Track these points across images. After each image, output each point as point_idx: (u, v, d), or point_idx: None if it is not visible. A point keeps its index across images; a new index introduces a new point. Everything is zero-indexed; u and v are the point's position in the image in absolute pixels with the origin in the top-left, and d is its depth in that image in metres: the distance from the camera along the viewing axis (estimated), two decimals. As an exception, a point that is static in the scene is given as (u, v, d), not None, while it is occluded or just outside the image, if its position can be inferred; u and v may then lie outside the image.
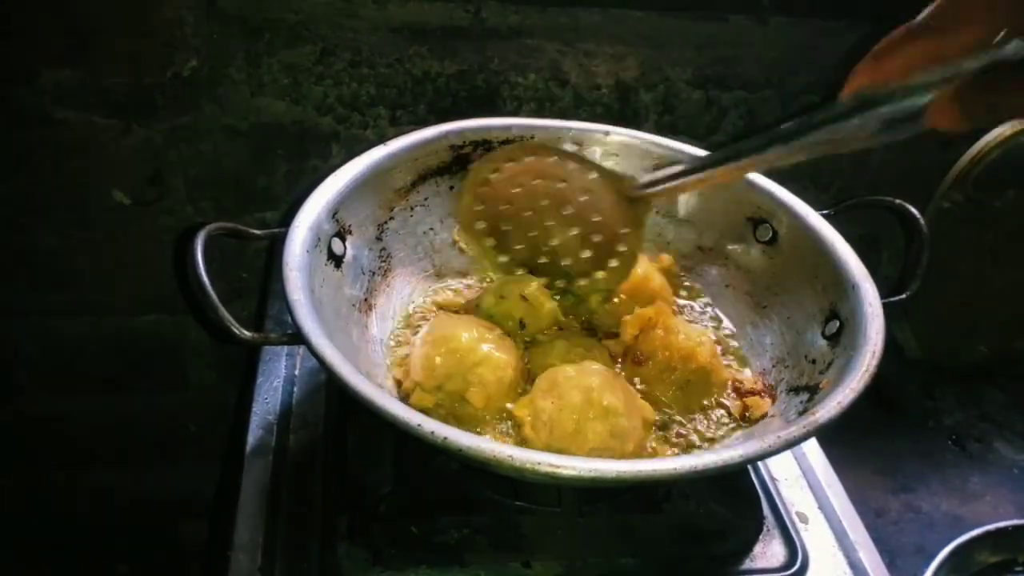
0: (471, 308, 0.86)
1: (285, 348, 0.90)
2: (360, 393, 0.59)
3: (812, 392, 0.72)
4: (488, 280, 0.91)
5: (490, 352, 0.74)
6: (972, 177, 1.19)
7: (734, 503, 0.77)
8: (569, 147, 0.95)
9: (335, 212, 0.79)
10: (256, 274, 1.24)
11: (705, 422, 0.77)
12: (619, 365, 0.81)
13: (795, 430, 0.61)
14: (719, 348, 0.85)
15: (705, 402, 0.79)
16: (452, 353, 0.73)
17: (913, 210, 0.85)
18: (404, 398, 0.74)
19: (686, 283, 0.94)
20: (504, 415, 0.74)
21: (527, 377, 0.77)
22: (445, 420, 0.71)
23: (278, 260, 0.71)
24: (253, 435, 0.80)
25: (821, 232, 0.83)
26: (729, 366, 0.84)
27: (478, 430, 0.72)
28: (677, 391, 0.78)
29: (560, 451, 0.68)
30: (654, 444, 0.74)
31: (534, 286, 0.84)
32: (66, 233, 1.15)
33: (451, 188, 0.92)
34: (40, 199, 1.12)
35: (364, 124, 1.12)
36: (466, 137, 0.91)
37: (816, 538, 0.77)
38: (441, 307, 0.88)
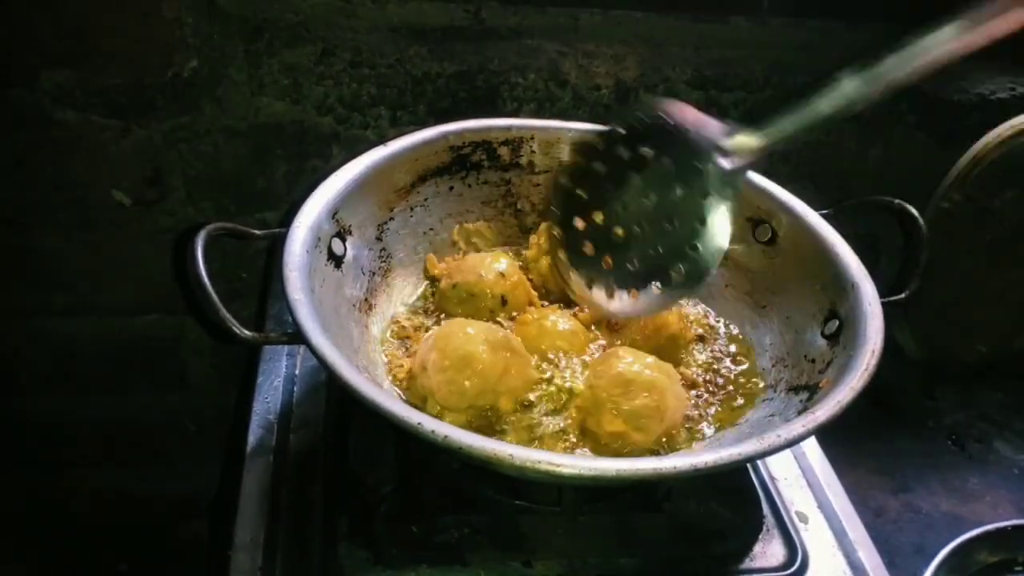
0: (447, 290, 0.85)
1: (285, 348, 0.90)
2: (360, 393, 0.60)
3: (812, 391, 0.72)
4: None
5: (511, 359, 0.74)
6: (972, 177, 1.19)
7: (734, 503, 0.77)
8: (569, 148, 0.95)
9: (335, 212, 0.79)
10: (256, 274, 1.24)
11: None
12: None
13: (795, 429, 0.61)
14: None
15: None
16: (479, 374, 0.72)
17: (912, 210, 0.85)
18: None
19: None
20: (524, 404, 0.75)
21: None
22: (481, 429, 0.72)
23: (278, 260, 0.71)
24: (253, 435, 0.80)
25: (820, 232, 0.83)
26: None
27: (510, 431, 0.73)
28: None
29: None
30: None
31: (507, 262, 0.86)
32: (66, 233, 1.15)
33: (451, 188, 0.92)
34: (40, 199, 1.12)
35: (364, 124, 1.12)
36: (466, 137, 0.92)
37: (816, 538, 0.77)
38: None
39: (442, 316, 0.85)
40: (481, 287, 0.83)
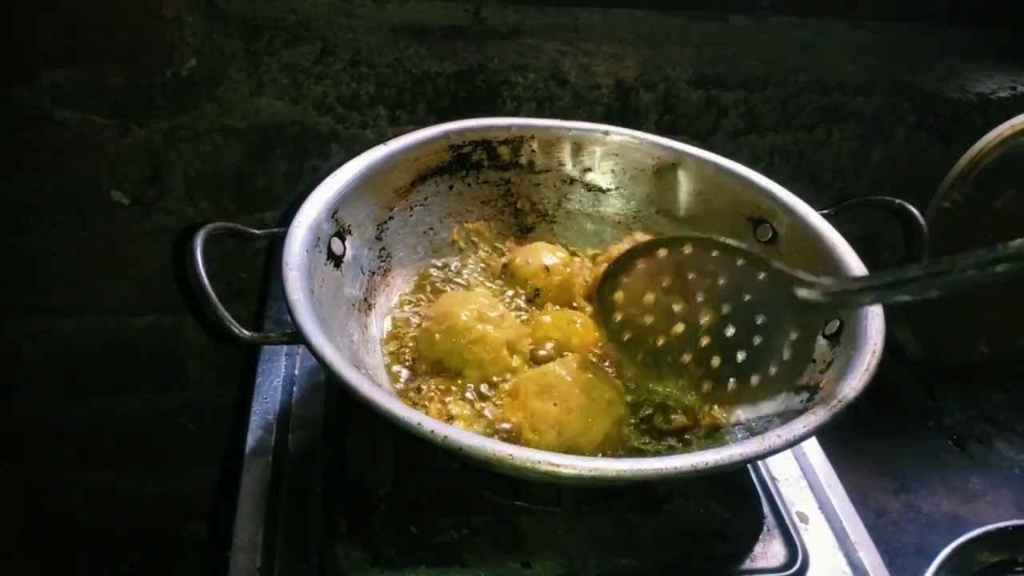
0: (498, 266, 0.90)
1: (285, 348, 0.90)
2: (359, 393, 0.59)
3: (812, 391, 0.72)
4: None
5: (490, 333, 0.77)
6: (973, 176, 1.19)
7: (734, 503, 0.77)
8: (569, 147, 0.95)
9: (335, 212, 0.79)
10: (255, 274, 1.24)
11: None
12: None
13: (795, 429, 0.61)
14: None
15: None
16: (449, 331, 0.76)
17: (913, 210, 0.85)
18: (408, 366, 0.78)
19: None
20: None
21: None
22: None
23: (278, 260, 0.71)
24: (253, 435, 0.80)
25: (821, 232, 0.83)
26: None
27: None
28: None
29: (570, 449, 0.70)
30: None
31: (561, 258, 0.88)
32: (66, 233, 1.15)
33: (450, 188, 0.92)
34: (40, 199, 1.12)
35: (363, 124, 1.12)
36: (466, 137, 0.91)
37: (816, 538, 0.77)
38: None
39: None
40: (522, 273, 0.87)
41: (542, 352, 0.81)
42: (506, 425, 0.73)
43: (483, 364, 0.76)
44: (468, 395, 0.76)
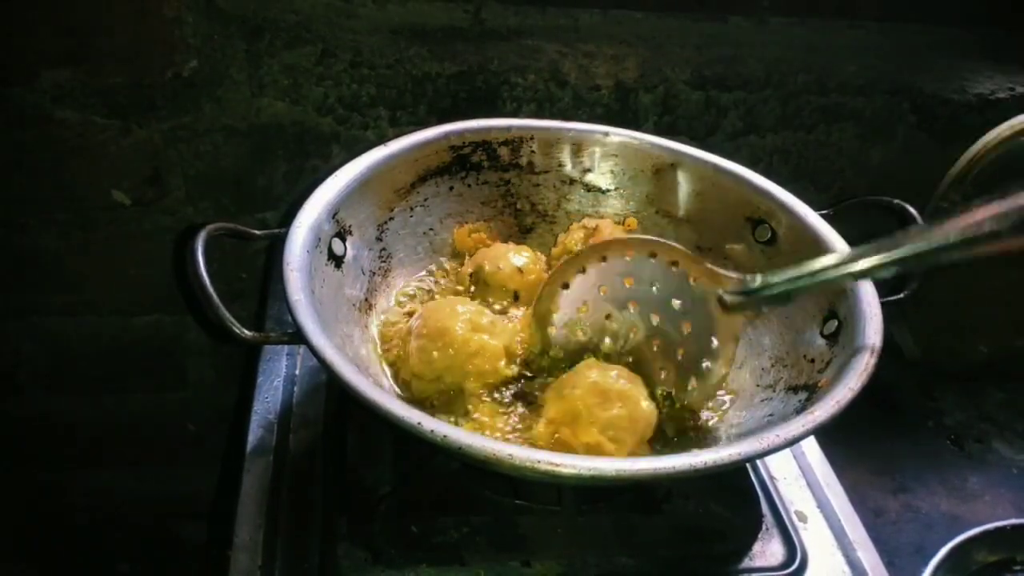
0: (465, 274, 0.88)
1: (285, 348, 0.90)
2: (360, 393, 0.60)
3: (811, 391, 0.72)
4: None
5: (487, 343, 0.76)
6: (971, 177, 1.19)
7: (733, 503, 0.77)
8: (569, 148, 0.95)
9: (335, 212, 0.79)
10: (256, 275, 1.24)
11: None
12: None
13: (794, 429, 0.61)
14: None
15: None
16: (449, 347, 0.74)
17: (912, 210, 0.85)
18: (403, 385, 0.77)
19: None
20: (496, 392, 0.77)
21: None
22: (446, 402, 0.75)
23: (278, 260, 0.71)
24: (253, 435, 0.80)
25: (820, 232, 0.83)
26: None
27: (472, 411, 0.75)
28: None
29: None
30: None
31: (528, 256, 0.88)
32: (66, 233, 1.15)
33: (450, 188, 0.92)
34: (40, 199, 1.12)
35: (364, 125, 1.12)
36: (466, 138, 0.92)
37: (815, 537, 0.77)
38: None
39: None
40: (497, 279, 0.86)
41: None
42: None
43: (484, 374, 0.75)
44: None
